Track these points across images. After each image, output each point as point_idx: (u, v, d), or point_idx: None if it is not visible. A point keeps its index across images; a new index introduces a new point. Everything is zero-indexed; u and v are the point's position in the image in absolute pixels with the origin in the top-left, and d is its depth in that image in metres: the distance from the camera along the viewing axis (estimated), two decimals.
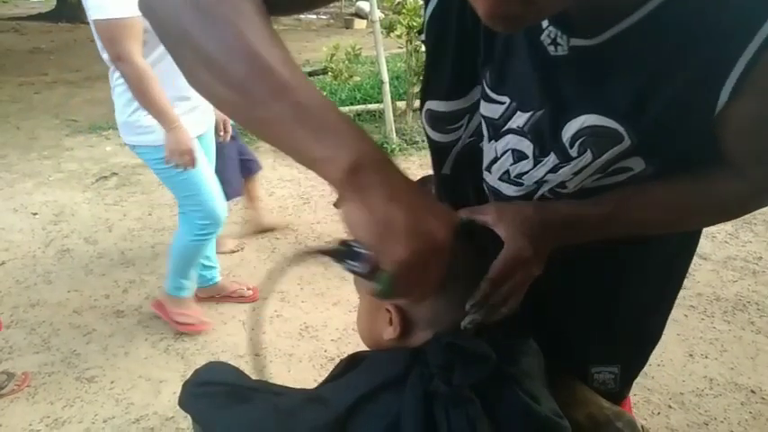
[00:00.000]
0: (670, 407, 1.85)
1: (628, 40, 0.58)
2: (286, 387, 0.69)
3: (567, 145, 0.64)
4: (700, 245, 0.86)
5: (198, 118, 2.02)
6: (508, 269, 0.63)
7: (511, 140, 0.69)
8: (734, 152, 0.65)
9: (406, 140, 4.31)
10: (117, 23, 1.69)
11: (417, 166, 3.95)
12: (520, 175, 0.71)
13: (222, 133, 2.36)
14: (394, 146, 4.25)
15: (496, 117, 0.69)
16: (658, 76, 0.58)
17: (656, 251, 0.80)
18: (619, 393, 0.90)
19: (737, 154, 0.65)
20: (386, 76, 4.25)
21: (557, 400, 0.68)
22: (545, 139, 0.66)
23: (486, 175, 0.76)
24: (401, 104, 4.61)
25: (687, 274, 0.88)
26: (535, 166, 0.68)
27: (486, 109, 0.70)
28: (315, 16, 12.57)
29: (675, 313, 2.29)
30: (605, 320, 0.83)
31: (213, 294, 2.46)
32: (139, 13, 0.54)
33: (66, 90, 6.09)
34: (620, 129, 0.61)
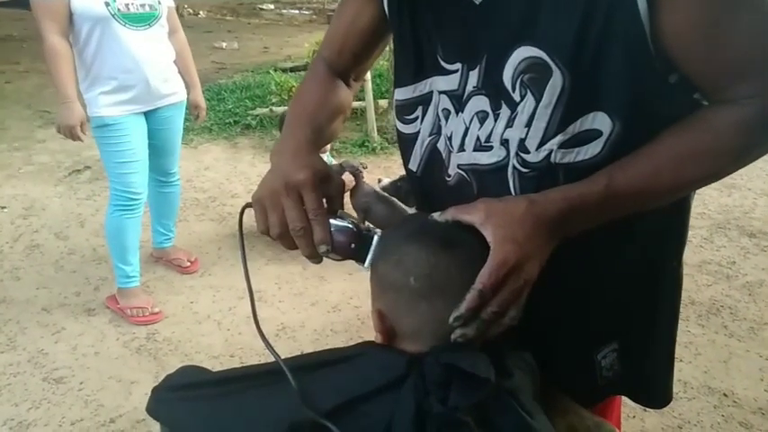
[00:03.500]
0: (645, 410, 1.87)
1: None
2: (268, 366, 0.67)
3: (510, 89, 0.67)
4: None
5: (126, 98, 2.11)
6: (495, 278, 0.58)
7: (473, 104, 0.72)
8: (700, 76, 0.62)
9: (387, 139, 4.26)
10: (37, 3, 1.95)
11: (399, 165, 3.91)
12: (488, 138, 0.72)
13: (193, 116, 2.55)
14: (375, 144, 4.22)
15: (456, 87, 0.74)
16: None
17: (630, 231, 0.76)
18: (628, 379, 0.84)
19: (705, 77, 0.62)
20: (368, 74, 4.22)
21: None
22: (495, 88, 0.69)
23: (459, 157, 0.75)
24: (383, 103, 4.57)
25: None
26: (495, 121, 0.70)
27: (446, 83, 0.75)
28: (297, 11, 12.45)
29: None
30: (585, 300, 0.78)
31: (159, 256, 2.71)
32: None
33: (38, 80, 5.89)
34: (545, 56, 0.63)
